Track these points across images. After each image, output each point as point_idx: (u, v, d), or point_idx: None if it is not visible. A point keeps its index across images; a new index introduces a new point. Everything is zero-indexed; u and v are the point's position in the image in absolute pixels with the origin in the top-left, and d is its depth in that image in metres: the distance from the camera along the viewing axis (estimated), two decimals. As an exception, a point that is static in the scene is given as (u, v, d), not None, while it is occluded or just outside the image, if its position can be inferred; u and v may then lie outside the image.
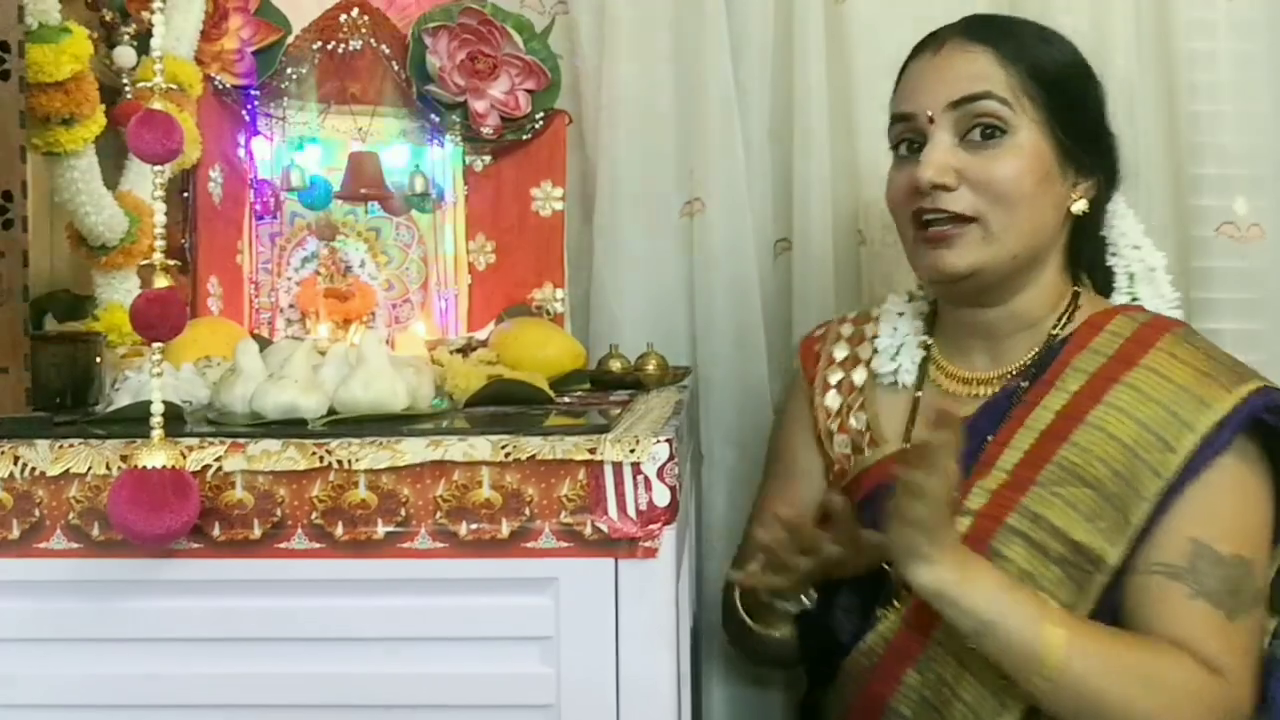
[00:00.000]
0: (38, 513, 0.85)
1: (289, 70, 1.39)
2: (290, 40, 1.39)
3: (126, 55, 1.23)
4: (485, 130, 1.41)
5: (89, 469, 0.85)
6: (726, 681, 1.54)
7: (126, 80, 1.23)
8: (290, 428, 0.89)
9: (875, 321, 1.32)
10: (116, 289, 1.18)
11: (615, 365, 1.29)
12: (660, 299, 1.59)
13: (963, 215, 1.14)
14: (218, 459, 0.85)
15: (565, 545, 0.84)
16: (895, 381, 1.26)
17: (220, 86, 1.34)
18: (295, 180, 1.37)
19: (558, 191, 1.45)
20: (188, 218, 1.31)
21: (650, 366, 1.29)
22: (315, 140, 1.41)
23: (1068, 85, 1.17)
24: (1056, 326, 1.19)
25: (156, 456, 0.81)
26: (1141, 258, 1.25)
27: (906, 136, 1.19)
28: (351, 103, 1.41)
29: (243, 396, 0.93)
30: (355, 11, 1.41)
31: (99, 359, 1.05)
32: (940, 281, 1.20)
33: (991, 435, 1.15)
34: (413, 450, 0.85)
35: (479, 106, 1.40)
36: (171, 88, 1.22)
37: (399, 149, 1.43)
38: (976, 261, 1.14)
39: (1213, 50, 1.53)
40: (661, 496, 0.84)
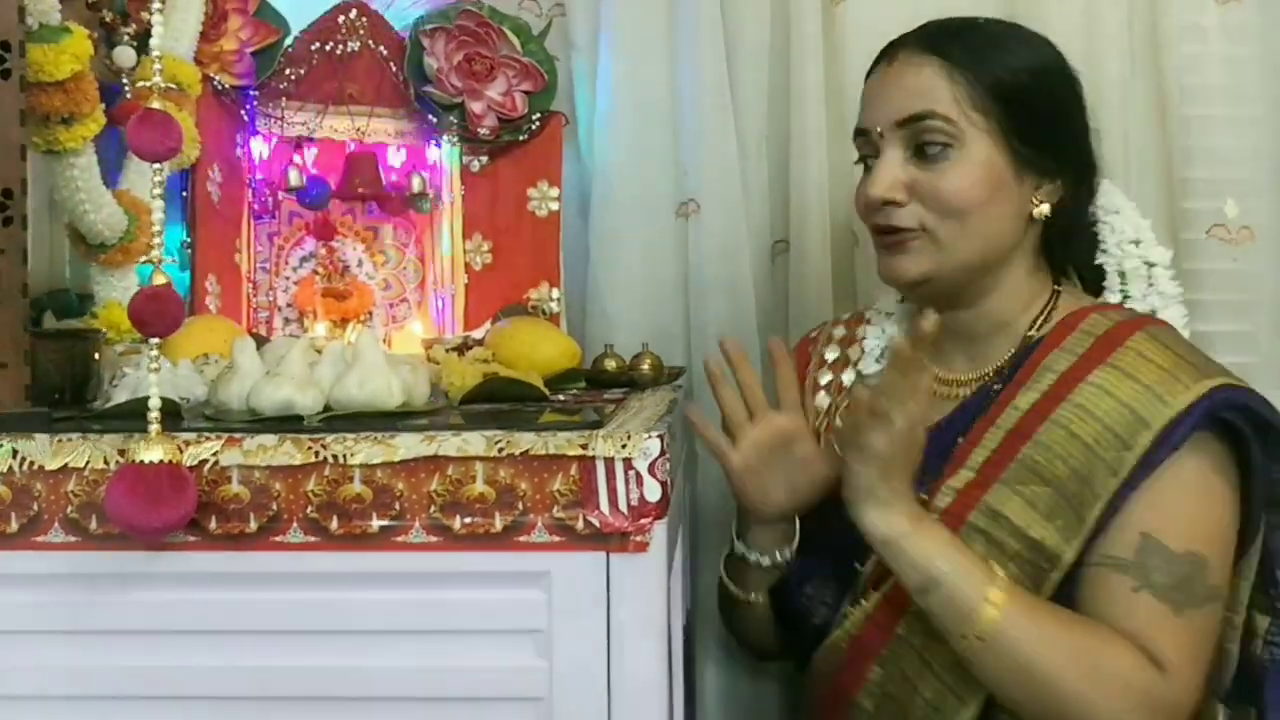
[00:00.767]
0: (36, 506, 0.86)
1: (287, 71, 1.39)
2: (289, 41, 1.40)
3: (126, 55, 1.23)
4: (482, 131, 1.41)
5: (87, 463, 0.86)
6: (720, 675, 1.54)
7: (126, 80, 1.24)
8: (286, 424, 0.90)
9: (867, 323, 1.32)
10: (115, 286, 1.19)
11: (610, 365, 1.29)
12: (655, 299, 1.59)
13: (911, 228, 1.15)
14: (214, 454, 0.86)
15: (557, 539, 0.85)
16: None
17: (219, 86, 1.35)
18: (293, 180, 1.38)
19: (554, 192, 1.45)
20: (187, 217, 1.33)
21: (645, 366, 1.29)
22: (313, 140, 1.42)
23: (1023, 91, 1.15)
24: (1033, 327, 1.18)
25: (154, 451, 0.82)
26: (1141, 254, 1.24)
27: (864, 151, 1.20)
28: (349, 103, 1.42)
29: (239, 393, 0.94)
30: (354, 13, 1.41)
31: (97, 355, 1.06)
32: (895, 286, 1.22)
33: (963, 436, 1.14)
34: (407, 445, 0.86)
35: (476, 107, 1.41)
36: (170, 87, 1.23)
37: (397, 149, 1.44)
38: (927, 269, 1.15)
39: (1204, 54, 1.53)
40: (653, 491, 0.85)
